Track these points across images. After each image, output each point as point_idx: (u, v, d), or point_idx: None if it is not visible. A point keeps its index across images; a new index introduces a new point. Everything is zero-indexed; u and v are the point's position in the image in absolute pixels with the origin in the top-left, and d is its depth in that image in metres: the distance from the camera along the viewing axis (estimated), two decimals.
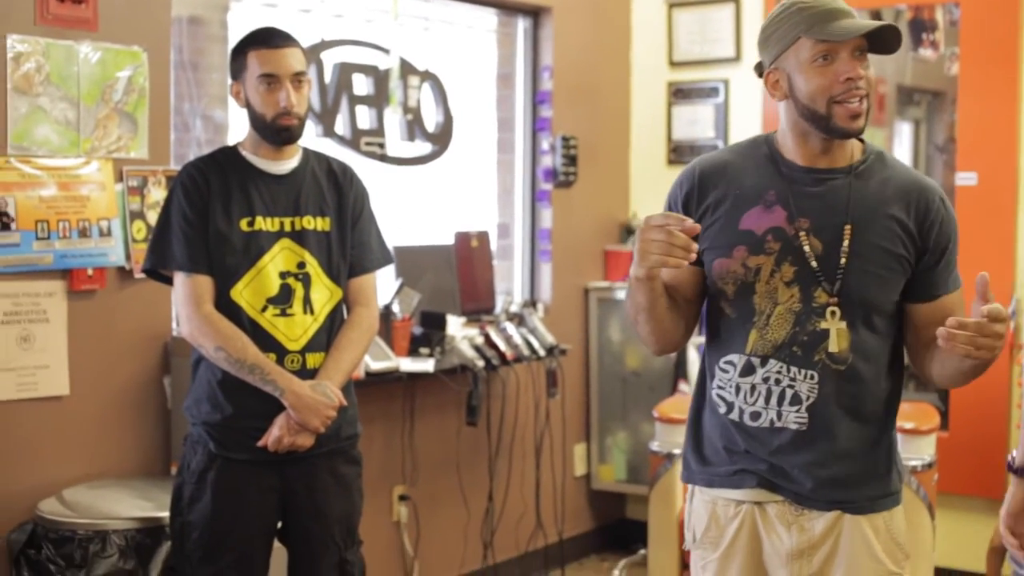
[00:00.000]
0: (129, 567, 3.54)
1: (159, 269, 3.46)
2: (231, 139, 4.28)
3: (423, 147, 5.23)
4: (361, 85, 4.95)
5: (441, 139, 5.29)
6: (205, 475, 3.40)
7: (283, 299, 3.43)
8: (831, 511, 2.61)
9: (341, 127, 4.87)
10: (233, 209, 3.41)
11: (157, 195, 4.06)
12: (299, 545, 3.51)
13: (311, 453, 3.44)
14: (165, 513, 3.53)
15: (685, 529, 2.79)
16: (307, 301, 3.45)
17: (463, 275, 5.32)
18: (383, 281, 4.18)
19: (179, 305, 3.43)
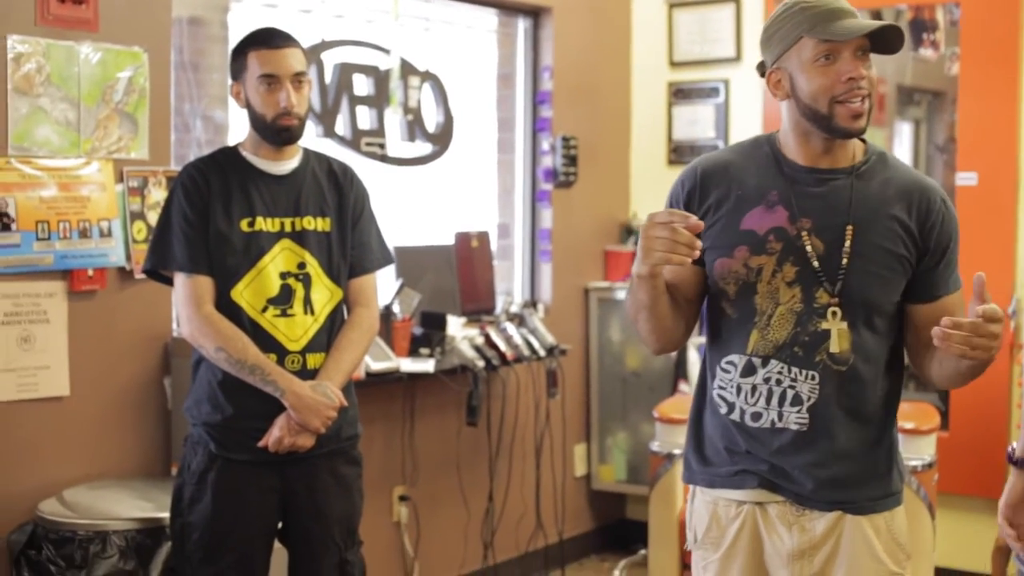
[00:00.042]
0: (129, 568, 3.53)
1: (160, 270, 3.46)
2: (231, 140, 4.28)
3: (423, 147, 5.23)
4: (361, 85, 4.95)
5: (441, 139, 5.29)
6: (205, 476, 3.40)
7: (283, 299, 3.43)
8: (832, 511, 2.61)
9: (341, 127, 4.87)
10: (233, 209, 3.40)
11: (157, 196, 4.06)
12: (299, 545, 3.51)
13: (311, 454, 3.44)
14: (165, 514, 3.53)
15: (686, 530, 2.79)
16: (307, 301, 3.45)
17: (463, 275, 5.32)
18: (383, 281, 4.18)
19: (179, 306, 3.43)
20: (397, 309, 4.79)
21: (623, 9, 6.14)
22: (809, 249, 2.57)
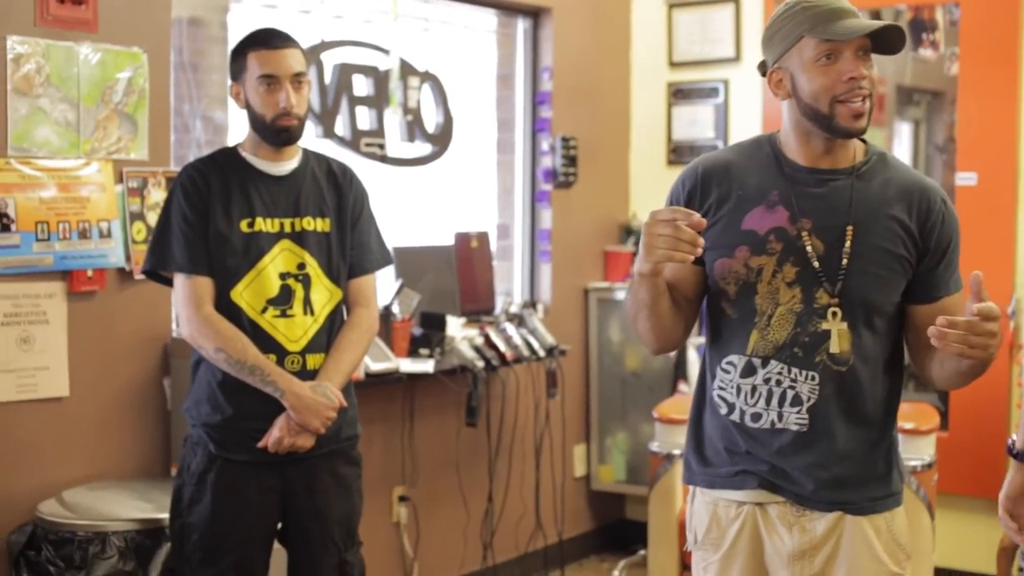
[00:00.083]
0: (129, 568, 3.53)
1: (159, 270, 3.46)
2: (231, 140, 4.28)
3: (423, 148, 5.23)
4: (361, 86, 4.95)
5: (441, 140, 5.29)
6: (205, 476, 3.40)
7: (283, 300, 3.43)
8: (832, 512, 2.61)
9: (341, 128, 4.87)
10: (233, 210, 3.40)
11: (157, 196, 4.05)
12: (299, 546, 3.51)
13: (311, 454, 3.43)
14: (165, 515, 3.53)
15: (686, 530, 2.79)
16: (307, 302, 3.45)
17: (463, 276, 5.32)
18: (383, 282, 4.18)
19: (179, 306, 3.43)
20: (397, 309, 4.79)
21: (623, 9, 6.14)
22: (809, 249, 2.56)
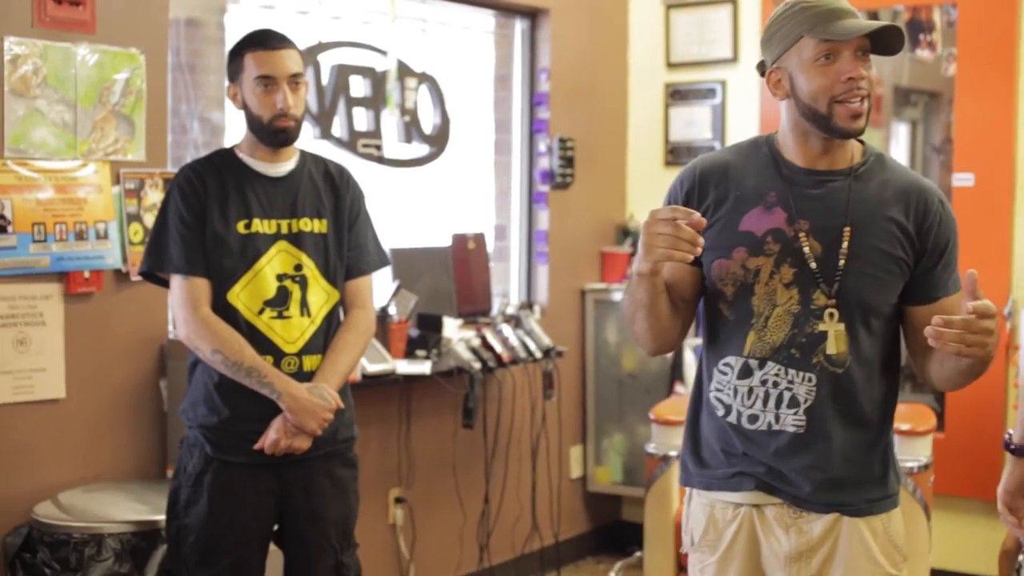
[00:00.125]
0: (124, 571, 3.53)
1: (156, 272, 3.46)
2: (228, 141, 4.28)
3: (420, 149, 5.23)
4: (358, 87, 4.94)
5: (438, 141, 5.28)
6: (201, 478, 3.39)
7: (280, 301, 3.42)
8: (829, 513, 2.61)
9: (338, 129, 4.87)
10: (230, 211, 3.40)
11: (154, 197, 4.05)
12: (295, 548, 3.51)
13: (308, 456, 3.43)
14: (161, 516, 3.53)
15: (683, 532, 2.79)
16: (304, 303, 3.45)
17: (460, 277, 5.32)
18: (380, 283, 4.18)
19: (176, 308, 3.42)
20: (393, 311, 4.79)
21: (620, 10, 6.14)
22: (807, 250, 2.56)
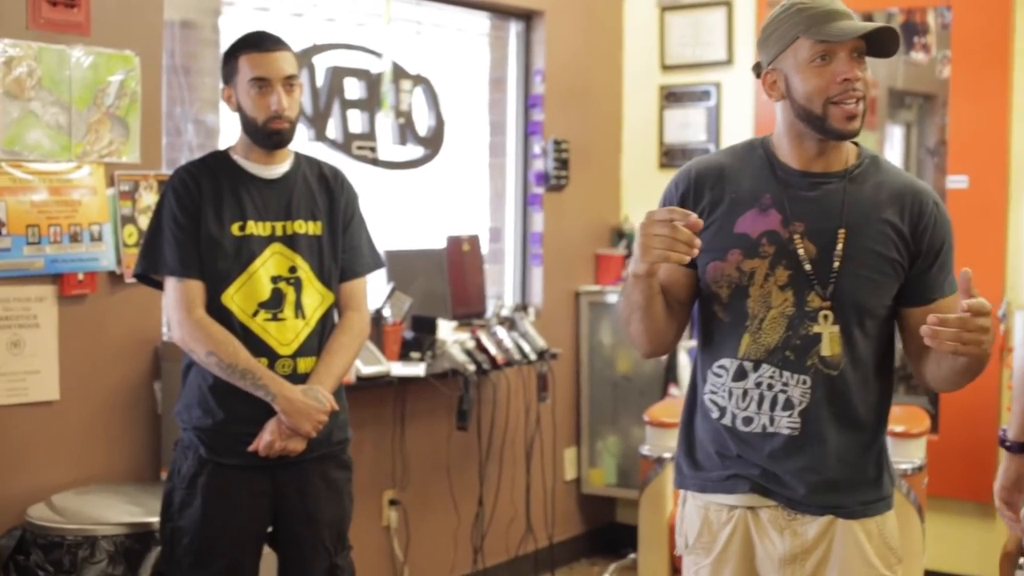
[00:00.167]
0: (118, 573, 3.52)
1: (150, 274, 3.45)
2: (222, 143, 4.27)
3: (415, 151, 5.23)
4: (353, 89, 4.94)
5: (433, 143, 5.28)
6: (196, 480, 3.39)
7: (274, 303, 3.42)
8: (824, 516, 2.61)
9: (333, 131, 4.86)
10: (224, 213, 3.40)
11: (148, 199, 4.05)
12: (289, 550, 3.50)
13: (302, 458, 3.43)
14: (155, 518, 3.52)
15: (677, 535, 2.79)
16: (298, 305, 3.45)
17: (454, 279, 5.32)
18: (374, 285, 4.17)
19: (170, 310, 3.42)
20: (388, 313, 4.79)
21: (615, 12, 6.14)
22: (801, 252, 2.57)
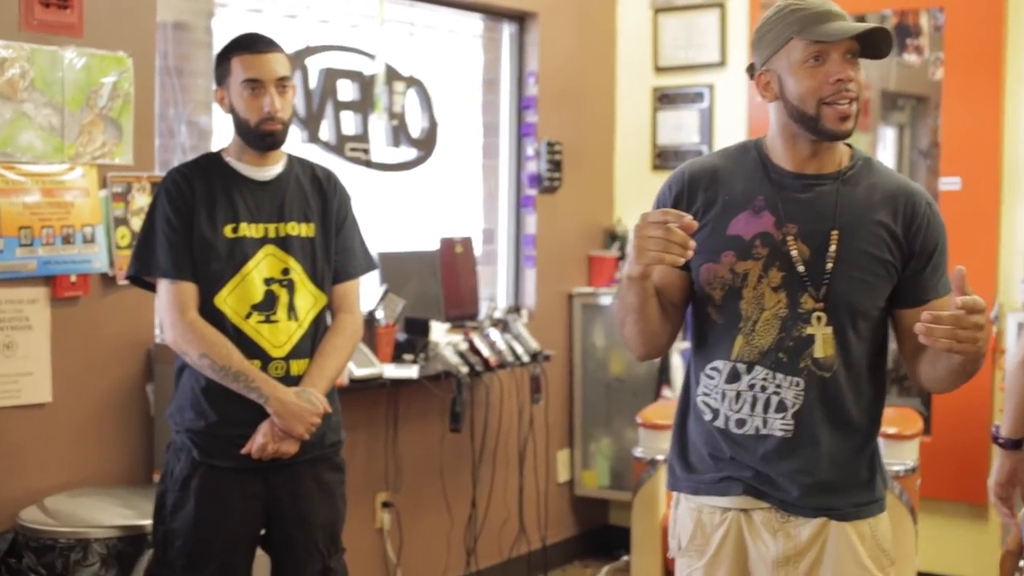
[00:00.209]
0: None
1: (143, 276, 3.45)
2: (215, 145, 4.27)
3: (408, 153, 5.23)
4: (346, 91, 4.94)
5: (426, 145, 5.28)
6: (188, 482, 3.39)
7: (267, 305, 3.42)
8: (817, 518, 2.61)
9: (326, 133, 4.86)
10: (217, 215, 3.39)
11: (141, 201, 4.04)
12: (282, 552, 3.50)
13: (295, 460, 3.43)
14: (147, 521, 3.52)
15: (670, 537, 2.79)
16: (291, 307, 3.45)
17: (447, 281, 5.32)
18: (367, 287, 4.17)
19: (163, 312, 3.42)
20: (381, 315, 4.78)
21: (608, 14, 6.14)
22: (795, 254, 2.57)
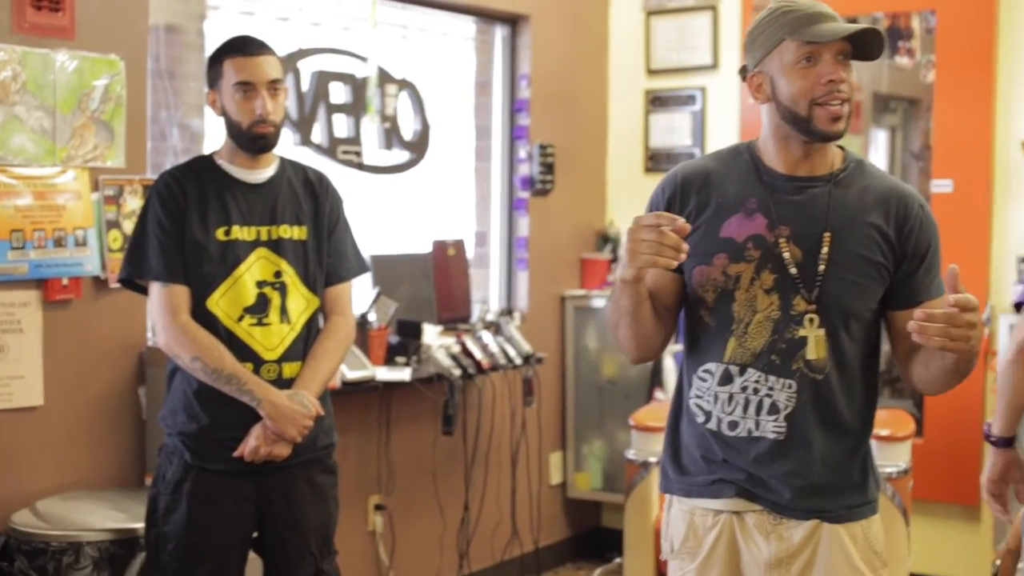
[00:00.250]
0: None
1: (135, 279, 3.44)
2: (207, 148, 4.26)
3: (400, 155, 5.22)
4: (338, 93, 4.94)
5: (418, 147, 5.28)
6: (181, 486, 3.38)
7: (260, 308, 3.42)
8: (809, 520, 2.61)
9: (318, 135, 4.86)
10: (209, 218, 3.39)
11: (133, 204, 4.04)
12: (275, 555, 3.50)
13: (287, 463, 3.42)
14: (139, 524, 3.51)
15: (662, 539, 2.79)
16: (284, 310, 3.44)
17: (440, 284, 5.31)
18: (359, 290, 4.17)
19: (155, 315, 3.41)
20: (373, 318, 4.78)
21: (600, 17, 6.15)
22: (787, 256, 2.57)
